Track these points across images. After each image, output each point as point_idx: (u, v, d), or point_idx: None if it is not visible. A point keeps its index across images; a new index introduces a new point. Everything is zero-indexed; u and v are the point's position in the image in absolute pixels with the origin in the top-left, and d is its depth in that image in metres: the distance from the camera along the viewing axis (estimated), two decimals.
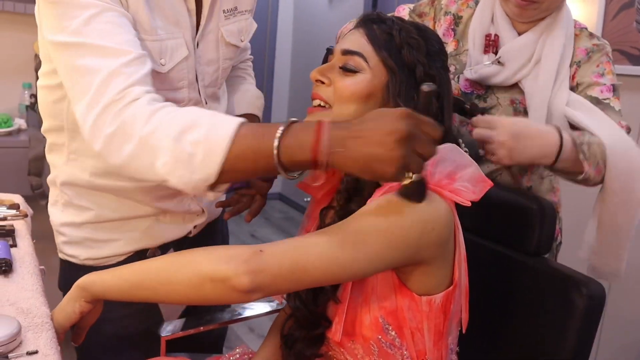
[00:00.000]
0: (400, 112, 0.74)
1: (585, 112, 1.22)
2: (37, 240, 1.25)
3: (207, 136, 0.79)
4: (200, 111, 0.85)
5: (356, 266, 0.82)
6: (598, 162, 1.15)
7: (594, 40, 1.32)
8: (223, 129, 0.79)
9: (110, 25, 0.90)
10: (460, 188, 0.88)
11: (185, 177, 0.81)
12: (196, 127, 0.80)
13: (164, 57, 1.02)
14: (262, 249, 0.79)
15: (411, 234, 0.84)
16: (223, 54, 1.21)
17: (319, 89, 0.99)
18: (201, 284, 0.78)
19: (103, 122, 0.85)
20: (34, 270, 1.04)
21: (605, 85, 1.27)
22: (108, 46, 0.88)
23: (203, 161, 0.79)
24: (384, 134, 0.72)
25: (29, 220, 1.30)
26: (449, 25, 1.38)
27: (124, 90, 0.85)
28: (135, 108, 0.84)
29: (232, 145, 0.78)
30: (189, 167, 0.80)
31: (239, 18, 1.23)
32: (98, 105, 0.85)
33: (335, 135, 0.74)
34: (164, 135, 0.81)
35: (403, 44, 0.96)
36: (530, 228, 1.13)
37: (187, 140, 0.80)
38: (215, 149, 0.78)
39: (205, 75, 1.18)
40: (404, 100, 0.95)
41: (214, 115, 0.83)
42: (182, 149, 0.80)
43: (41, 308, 0.91)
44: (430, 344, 0.93)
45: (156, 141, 0.81)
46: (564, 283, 1.07)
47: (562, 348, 1.06)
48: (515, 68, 1.29)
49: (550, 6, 1.25)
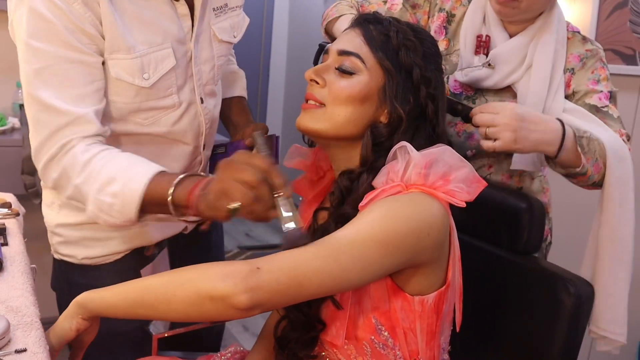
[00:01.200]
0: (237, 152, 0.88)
1: (583, 119, 1.20)
2: (30, 239, 1.25)
3: (122, 188, 0.96)
4: (123, 161, 1.00)
5: (353, 278, 0.82)
6: (597, 159, 1.13)
7: (587, 45, 1.30)
8: (136, 182, 0.95)
9: (60, 80, 0.99)
10: (455, 189, 0.88)
11: (109, 221, 0.99)
12: (115, 180, 0.96)
13: (147, 71, 1.06)
14: (259, 266, 0.79)
15: (407, 241, 0.84)
16: (217, 51, 1.21)
17: (313, 89, 0.98)
18: (201, 302, 0.79)
19: (49, 169, 1.02)
20: (24, 269, 1.04)
21: (602, 93, 1.25)
22: (51, 105, 0.99)
23: (121, 210, 0.96)
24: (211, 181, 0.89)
25: (20, 219, 1.30)
26: (442, 23, 1.36)
27: (64, 145, 1.00)
28: (71, 157, 1.00)
29: (144, 196, 0.95)
30: (110, 214, 0.98)
31: (230, 14, 1.24)
32: (45, 155, 1.01)
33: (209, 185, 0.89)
34: (90, 188, 0.98)
35: (400, 46, 0.96)
36: (519, 227, 1.13)
37: (108, 192, 0.97)
38: (129, 200, 0.95)
39: (203, 74, 1.19)
40: (400, 102, 0.95)
41: (132, 167, 0.98)
42: (102, 200, 0.97)
43: (31, 307, 0.91)
44: (423, 344, 0.93)
45: (85, 191, 0.99)
46: (553, 282, 1.07)
47: (551, 346, 1.06)
48: (506, 72, 1.28)
49: (531, 7, 1.22)
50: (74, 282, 1.23)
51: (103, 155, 0.99)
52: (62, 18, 0.97)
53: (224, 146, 1.28)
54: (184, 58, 1.14)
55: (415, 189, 0.88)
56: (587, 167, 1.12)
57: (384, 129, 0.95)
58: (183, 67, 1.13)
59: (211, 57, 1.20)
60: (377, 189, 0.90)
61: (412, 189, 0.88)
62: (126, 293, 0.85)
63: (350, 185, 0.95)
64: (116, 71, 1.04)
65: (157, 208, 0.95)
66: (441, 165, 0.89)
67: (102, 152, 1.00)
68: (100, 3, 0.99)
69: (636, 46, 2.11)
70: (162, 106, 1.11)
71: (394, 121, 0.95)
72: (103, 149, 1.01)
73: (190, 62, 1.15)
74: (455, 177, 0.89)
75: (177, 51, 1.10)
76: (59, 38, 0.98)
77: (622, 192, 1.17)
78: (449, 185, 0.88)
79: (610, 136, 1.17)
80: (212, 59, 1.20)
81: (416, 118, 0.96)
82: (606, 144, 1.15)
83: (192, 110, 1.17)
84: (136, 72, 1.05)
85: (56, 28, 0.97)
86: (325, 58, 1.01)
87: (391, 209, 0.85)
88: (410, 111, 0.96)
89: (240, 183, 0.82)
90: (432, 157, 0.89)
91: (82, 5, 0.98)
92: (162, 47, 1.08)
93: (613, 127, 1.21)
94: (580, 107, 1.23)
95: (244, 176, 0.82)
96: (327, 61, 0.99)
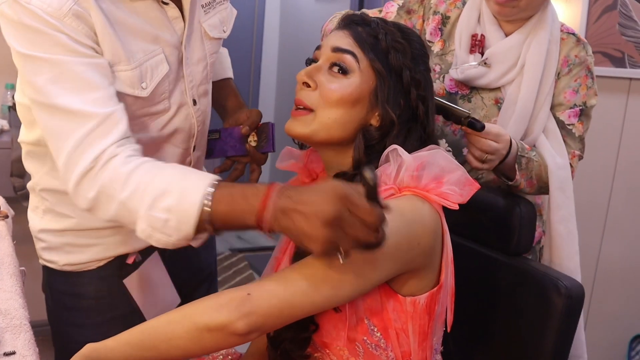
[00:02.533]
0: (335, 192, 0.75)
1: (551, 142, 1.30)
2: (19, 241, 1.24)
3: (179, 202, 0.84)
4: (173, 172, 0.89)
5: (343, 294, 0.84)
6: (531, 177, 1.25)
7: (579, 49, 1.32)
8: (193, 194, 0.84)
9: (78, 83, 0.92)
10: (448, 191, 0.88)
11: (162, 240, 0.87)
12: (168, 193, 0.85)
13: (145, 80, 1.03)
14: (250, 292, 0.81)
15: (398, 252, 0.85)
16: (208, 49, 1.19)
17: (303, 93, 0.97)
18: (200, 335, 0.80)
19: (83, 188, 0.89)
20: (13, 272, 1.04)
21: (573, 110, 1.30)
22: (75, 110, 0.90)
23: (177, 226, 0.84)
24: (313, 213, 0.74)
25: (9, 221, 1.29)
26: (437, 25, 1.37)
27: (97, 157, 0.89)
28: (111, 171, 0.88)
29: (211, 211, 0.83)
30: (165, 231, 0.86)
31: (218, 9, 1.21)
32: (74, 172, 0.89)
33: (279, 204, 0.79)
34: (140, 203, 0.86)
35: (389, 48, 0.96)
36: (510, 227, 1.14)
37: (160, 207, 0.84)
38: (186, 214, 0.83)
39: (195, 75, 1.17)
40: (392, 106, 0.95)
41: (185, 177, 0.87)
42: (156, 217, 0.85)
43: (20, 310, 0.90)
44: (415, 344, 0.93)
45: (134, 206, 0.86)
46: (543, 282, 1.08)
47: (542, 346, 1.07)
48: (501, 71, 1.29)
49: (530, 5, 1.25)
50: (55, 287, 1.20)
51: (150, 167, 0.89)
52: (59, 31, 0.93)
53: (218, 132, 1.26)
54: (176, 61, 1.12)
55: (408, 191, 0.88)
56: (520, 181, 1.23)
57: (375, 132, 0.95)
58: (174, 71, 1.11)
59: (203, 57, 1.18)
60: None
61: (405, 192, 0.88)
62: (128, 339, 0.85)
63: None
64: (119, 85, 0.99)
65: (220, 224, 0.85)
66: (434, 168, 0.89)
67: (146, 163, 0.90)
68: (92, 15, 0.96)
69: (625, 49, 2.12)
70: (153, 112, 1.09)
71: (386, 125, 0.95)
72: (146, 160, 0.91)
73: (181, 64, 1.13)
74: (448, 180, 0.89)
75: (169, 56, 1.08)
76: (64, 47, 0.92)
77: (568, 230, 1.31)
78: (442, 187, 0.88)
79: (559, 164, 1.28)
80: (204, 58, 1.18)
81: (407, 120, 0.96)
82: (553, 177, 1.27)
83: (183, 112, 1.15)
84: (136, 82, 1.02)
85: (57, 38, 0.92)
86: (317, 54, 0.99)
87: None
88: (402, 114, 0.96)
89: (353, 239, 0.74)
90: (424, 159, 0.89)
91: (73, 19, 0.94)
92: (155, 53, 1.05)
93: (571, 146, 1.31)
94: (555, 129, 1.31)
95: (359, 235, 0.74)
96: (319, 60, 0.98)
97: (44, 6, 0.91)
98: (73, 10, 0.93)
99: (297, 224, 0.76)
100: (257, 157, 1.23)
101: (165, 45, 1.08)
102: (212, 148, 1.26)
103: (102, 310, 1.19)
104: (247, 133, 1.22)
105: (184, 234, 0.85)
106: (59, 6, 0.92)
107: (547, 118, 1.30)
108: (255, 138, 1.21)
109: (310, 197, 0.76)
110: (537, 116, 1.29)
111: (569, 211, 1.30)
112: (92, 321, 1.19)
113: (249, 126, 1.22)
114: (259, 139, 1.21)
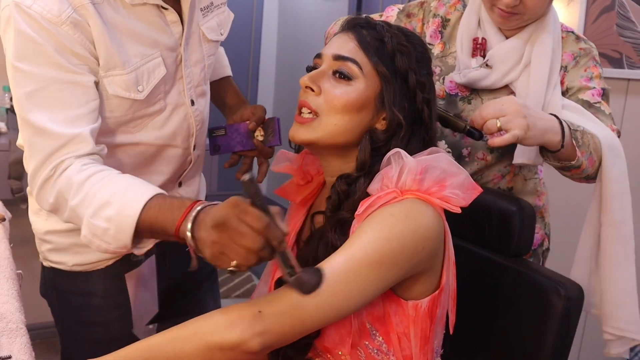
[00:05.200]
0: (229, 201, 0.79)
1: (579, 115, 1.21)
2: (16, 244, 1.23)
3: (118, 212, 0.91)
4: (120, 184, 0.95)
5: (353, 304, 0.84)
6: (591, 152, 1.13)
7: (580, 43, 1.32)
8: (133, 207, 0.90)
9: (52, 101, 0.97)
10: (450, 195, 0.88)
11: (102, 247, 0.94)
12: (110, 204, 0.91)
13: (141, 83, 1.07)
14: (260, 309, 0.80)
15: (402, 258, 0.85)
16: (206, 51, 1.21)
17: (308, 97, 0.96)
18: (211, 354, 0.80)
19: (44, 192, 0.99)
20: (10, 275, 1.03)
21: (595, 89, 1.27)
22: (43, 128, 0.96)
23: (116, 235, 0.91)
24: (207, 219, 0.81)
25: (6, 224, 1.28)
26: (437, 28, 1.38)
27: (58, 166, 0.97)
28: (66, 179, 0.96)
29: (140, 222, 0.90)
30: (104, 239, 0.93)
31: (216, 12, 1.24)
32: (39, 178, 0.98)
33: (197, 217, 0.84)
34: (85, 210, 0.93)
35: (395, 51, 0.95)
36: (509, 229, 1.14)
37: (102, 216, 0.91)
38: (124, 225, 0.90)
39: (194, 77, 1.19)
40: (398, 108, 0.94)
41: (130, 189, 0.93)
42: (97, 225, 0.92)
43: (16, 313, 0.90)
44: (417, 349, 0.93)
45: (81, 213, 0.94)
46: (543, 284, 1.08)
47: (542, 348, 1.07)
48: (503, 71, 1.29)
49: (533, 16, 1.25)
50: (62, 288, 1.22)
51: (101, 177, 0.95)
52: (51, 40, 0.96)
53: (224, 128, 1.28)
54: (174, 63, 1.14)
55: (410, 194, 0.88)
56: (581, 160, 1.12)
57: (381, 135, 0.95)
58: (172, 72, 1.13)
59: (201, 58, 1.20)
60: (373, 195, 0.90)
61: (407, 195, 0.88)
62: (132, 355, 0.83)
63: (348, 189, 0.95)
64: (113, 88, 1.03)
65: (152, 234, 0.92)
66: (436, 171, 0.89)
67: (98, 172, 0.96)
68: (90, 23, 0.99)
69: (623, 49, 2.12)
70: (150, 112, 1.12)
71: (393, 127, 0.95)
72: (100, 169, 0.97)
73: (179, 65, 1.15)
74: (451, 183, 0.89)
75: (167, 58, 1.10)
76: (49, 60, 0.96)
77: (622, 190, 1.17)
78: (445, 191, 0.88)
79: (605, 132, 1.18)
80: (202, 60, 1.20)
81: (412, 123, 0.97)
82: (602, 140, 1.16)
83: (181, 112, 1.17)
84: (131, 86, 1.05)
85: (44, 49, 0.96)
86: (317, 62, 0.99)
87: (385, 226, 0.85)
88: (407, 117, 0.96)
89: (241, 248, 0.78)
90: (427, 163, 0.89)
91: (71, 27, 0.97)
92: (152, 57, 1.08)
93: (605, 122, 1.22)
94: (575, 104, 1.25)
95: (245, 242, 0.77)
96: (321, 66, 0.97)
97: (43, 12, 0.95)
98: (71, 19, 0.97)
99: (198, 233, 0.82)
100: (264, 151, 1.28)
101: (163, 49, 1.10)
102: (218, 144, 1.29)
103: (111, 307, 1.22)
104: (253, 128, 1.26)
105: (122, 243, 0.92)
106: (58, 13, 0.96)
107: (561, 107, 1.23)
108: (262, 133, 1.25)
109: (214, 207, 0.82)
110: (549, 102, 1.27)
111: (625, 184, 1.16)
112: (101, 319, 1.21)
113: (255, 122, 1.25)
114: (266, 133, 1.25)
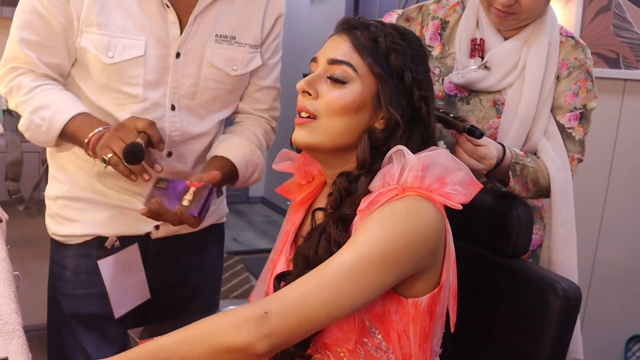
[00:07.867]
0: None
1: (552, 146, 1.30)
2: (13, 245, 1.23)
3: (52, 115, 1.16)
4: (60, 95, 1.19)
5: (358, 302, 0.85)
6: (527, 182, 1.25)
7: (577, 52, 1.32)
8: (64, 114, 1.16)
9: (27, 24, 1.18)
10: (451, 192, 0.88)
11: (32, 138, 1.21)
12: (48, 107, 1.16)
13: (113, 51, 1.17)
14: (267, 310, 0.81)
15: (405, 255, 0.85)
16: (206, 73, 1.23)
17: (306, 101, 0.97)
18: (219, 357, 0.80)
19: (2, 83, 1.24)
20: (6, 276, 1.02)
21: (573, 113, 1.31)
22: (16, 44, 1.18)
23: (46, 133, 1.17)
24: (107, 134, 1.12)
25: (3, 225, 1.28)
26: (436, 30, 1.38)
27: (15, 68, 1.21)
28: (21, 80, 1.20)
29: (65, 127, 1.16)
30: (36, 132, 1.19)
31: (235, 48, 1.25)
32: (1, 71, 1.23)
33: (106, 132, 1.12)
34: (28, 107, 1.18)
35: (389, 51, 0.96)
36: (507, 230, 1.14)
37: (39, 115, 1.17)
38: (54, 127, 1.16)
39: (182, 86, 1.21)
40: (395, 107, 0.95)
41: (66, 101, 1.18)
42: (33, 120, 1.18)
43: (13, 315, 0.89)
44: (416, 346, 0.93)
45: (24, 108, 1.20)
46: (541, 284, 1.08)
47: (540, 347, 1.07)
48: (501, 74, 1.30)
49: (530, 16, 1.26)
50: (51, 255, 1.33)
51: (47, 87, 1.19)
52: None
53: (167, 182, 1.13)
54: (161, 60, 1.18)
55: (412, 192, 0.88)
56: (514, 187, 1.23)
57: (380, 134, 0.96)
58: (157, 68, 1.18)
59: (196, 75, 1.22)
60: (374, 192, 0.90)
61: (409, 192, 0.88)
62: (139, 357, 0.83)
63: (349, 187, 0.96)
64: (85, 42, 1.16)
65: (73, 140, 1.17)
66: (437, 168, 0.90)
67: (46, 84, 1.20)
68: None
69: (619, 50, 2.13)
70: (126, 92, 1.18)
71: (391, 126, 0.95)
72: (48, 82, 1.20)
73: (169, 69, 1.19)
74: (451, 180, 0.90)
75: (152, 48, 1.17)
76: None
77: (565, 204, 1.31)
78: (445, 187, 0.89)
79: (559, 176, 1.28)
80: (196, 76, 1.22)
81: (410, 121, 0.97)
82: (553, 181, 1.28)
83: (159, 111, 1.21)
84: (102, 48, 1.16)
85: None
86: (313, 66, 0.99)
87: (388, 224, 0.85)
88: (404, 115, 0.96)
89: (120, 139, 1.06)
90: (428, 160, 0.90)
91: None
92: (136, 37, 1.16)
93: (570, 150, 1.32)
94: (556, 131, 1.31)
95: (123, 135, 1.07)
96: (317, 71, 0.98)
97: None
98: None
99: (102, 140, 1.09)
100: (184, 217, 1.09)
101: (151, 38, 1.16)
102: (154, 197, 1.11)
103: (79, 284, 1.29)
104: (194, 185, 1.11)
105: (49, 139, 1.18)
106: None
107: (548, 120, 1.31)
108: (191, 198, 1.10)
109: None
110: (538, 119, 1.29)
111: (569, 213, 1.31)
112: (71, 293, 1.29)
113: (198, 181, 1.12)
114: (193, 199, 1.10)
